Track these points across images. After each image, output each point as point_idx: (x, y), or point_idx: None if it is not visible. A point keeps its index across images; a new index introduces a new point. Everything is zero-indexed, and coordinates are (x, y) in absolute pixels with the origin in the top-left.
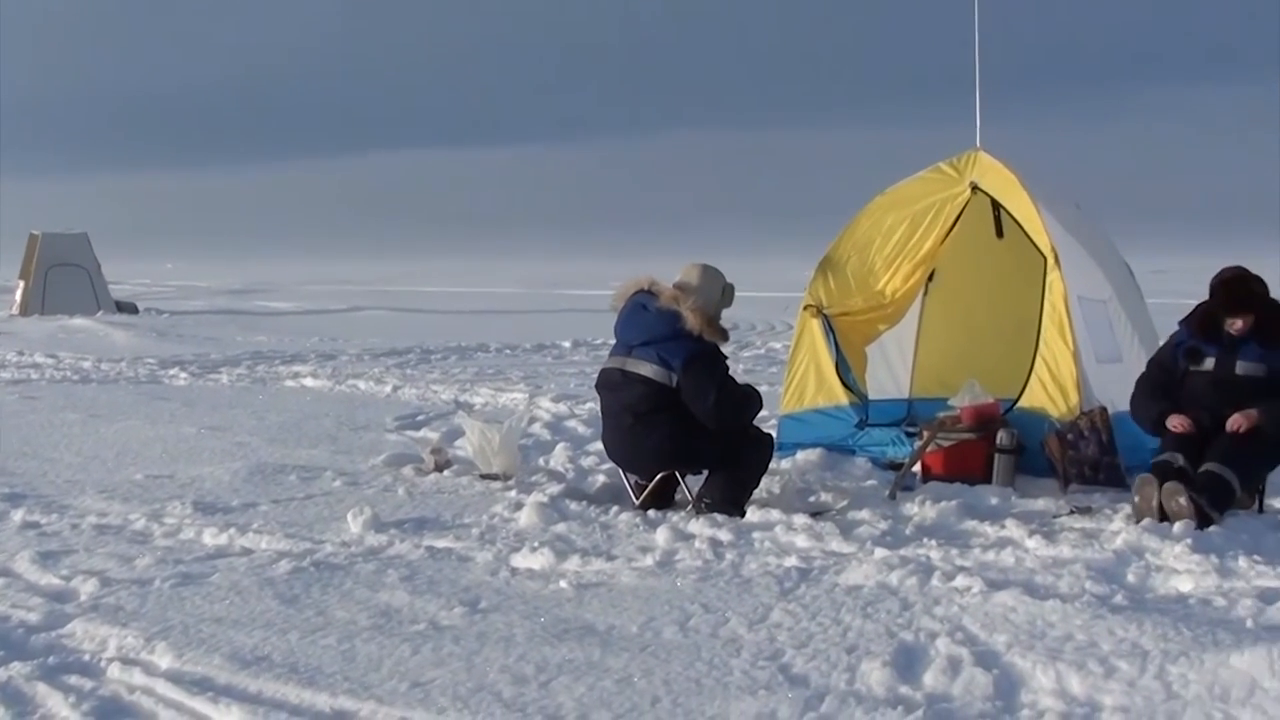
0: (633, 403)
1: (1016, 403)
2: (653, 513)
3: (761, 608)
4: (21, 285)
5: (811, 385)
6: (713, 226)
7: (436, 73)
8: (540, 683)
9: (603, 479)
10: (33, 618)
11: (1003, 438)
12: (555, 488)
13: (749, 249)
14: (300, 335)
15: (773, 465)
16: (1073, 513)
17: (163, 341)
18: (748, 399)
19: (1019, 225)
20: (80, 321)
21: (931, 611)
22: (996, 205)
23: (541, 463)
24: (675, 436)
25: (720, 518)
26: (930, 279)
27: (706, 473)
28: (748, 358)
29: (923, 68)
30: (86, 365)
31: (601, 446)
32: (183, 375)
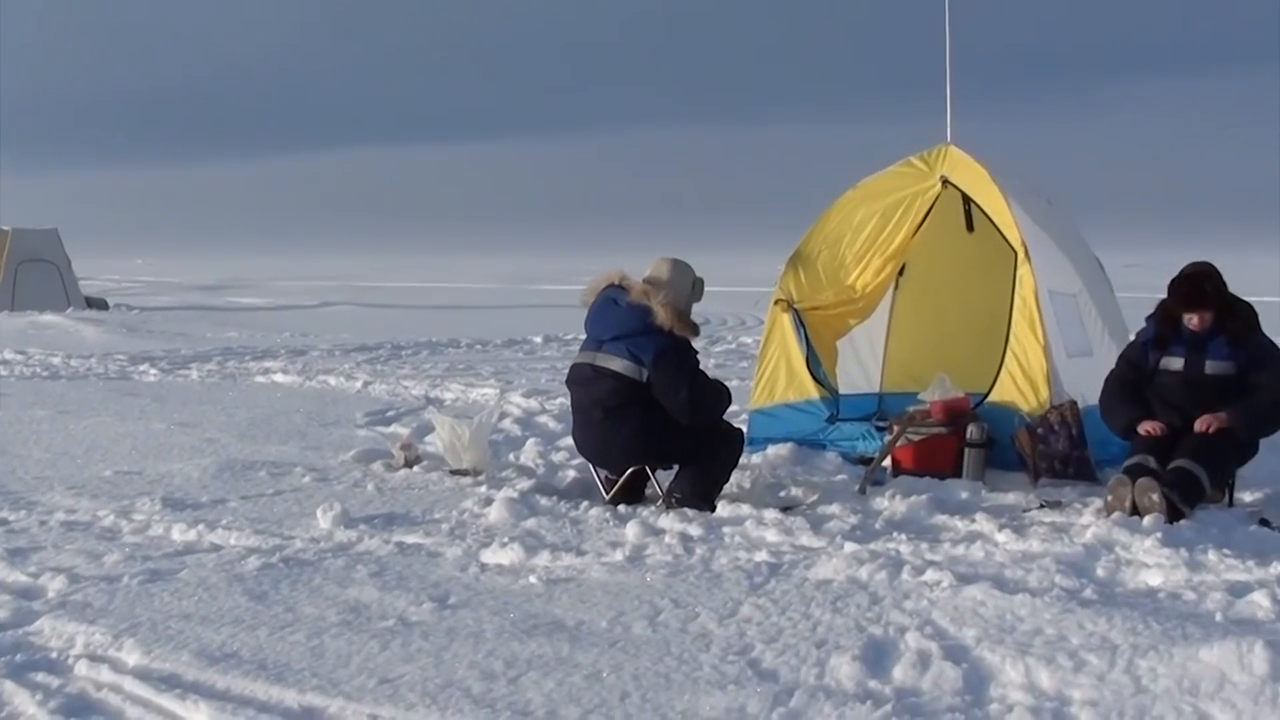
0: (603, 398)
1: (987, 397)
2: (623, 508)
3: (731, 602)
4: None
5: (782, 380)
6: (684, 221)
7: (409, 69)
8: (509, 678)
9: (573, 474)
10: (0, 615)
11: (973, 432)
12: (525, 483)
13: (720, 243)
14: (271, 331)
15: (743, 460)
16: (1043, 507)
17: (133, 337)
18: (717, 394)
19: (989, 219)
20: (50, 318)
21: (901, 606)
22: (967, 199)
23: (512, 458)
24: (646, 431)
25: (690, 513)
26: (901, 273)
27: (677, 468)
28: (719, 352)
29: (893, 62)
30: (56, 361)
31: (572, 442)
32: (153, 371)
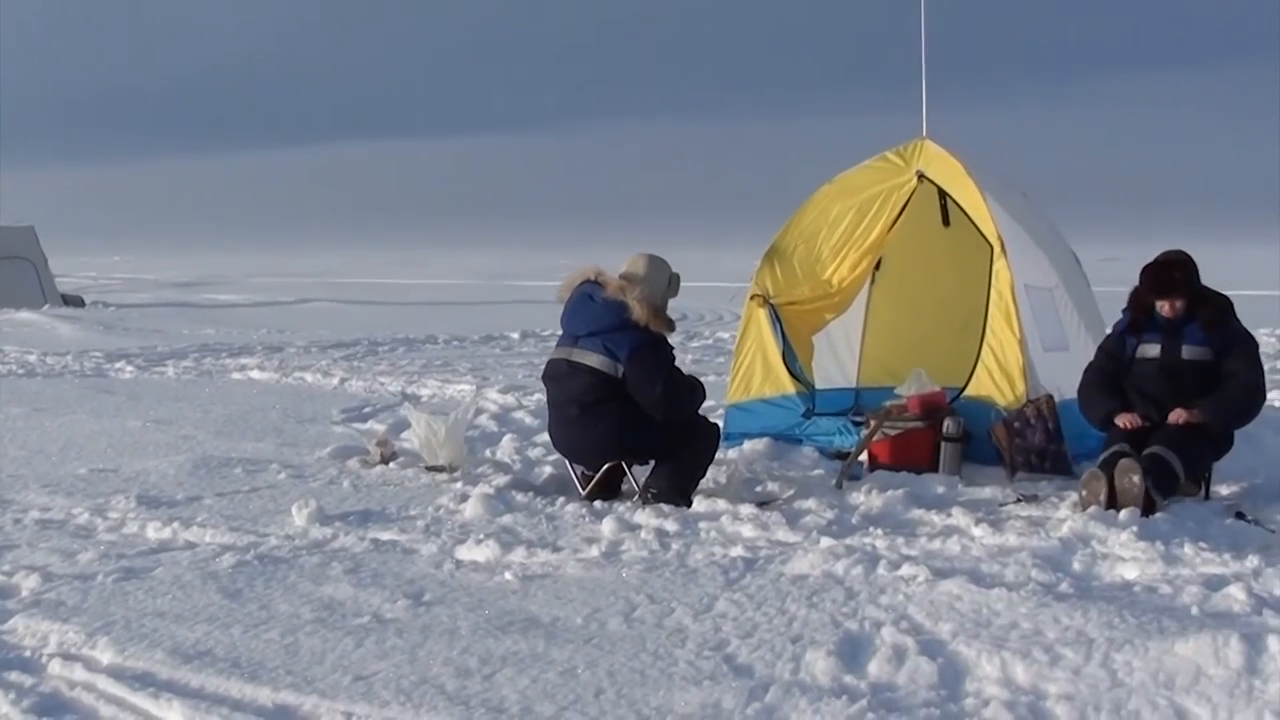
0: (579, 394)
1: (963, 391)
2: (599, 503)
3: (707, 598)
4: None
5: (758, 375)
6: (661, 216)
7: (387, 65)
8: (484, 675)
9: (549, 470)
10: None
11: (949, 426)
12: (501, 479)
13: (697, 238)
14: (248, 328)
15: (719, 455)
16: (1019, 501)
17: (109, 335)
18: (692, 390)
19: (965, 214)
20: (26, 315)
21: (877, 600)
22: (943, 194)
23: (488, 454)
24: (621, 427)
25: (666, 508)
26: (877, 268)
27: (653, 463)
28: (696, 348)
29: (870, 57)
30: (32, 359)
31: (548, 438)
32: (129, 368)
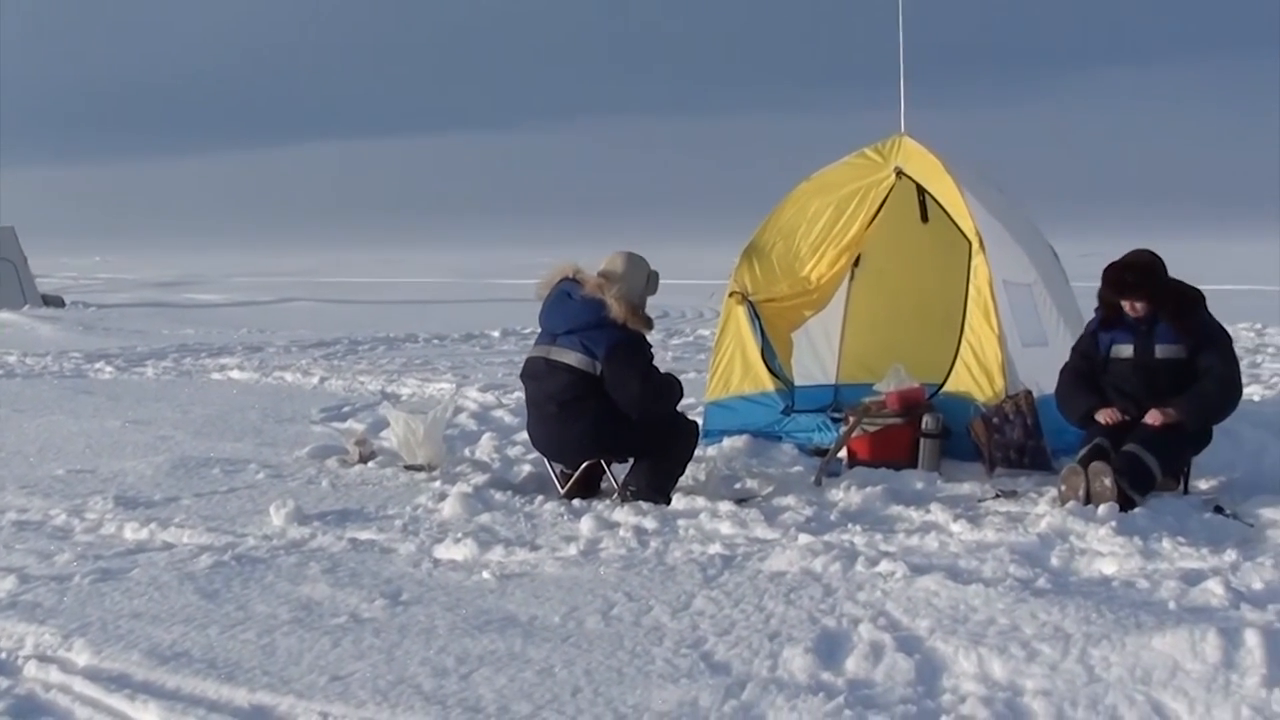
0: (556, 392)
1: (942, 387)
2: (578, 502)
3: (685, 595)
4: None
5: (737, 372)
6: (640, 213)
7: (364, 64)
8: (461, 675)
9: (528, 469)
10: None
11: (928, 422)
12: (480, 478)
13: (677, 236)
14: (228, 327)
15: (698, 452)
16: (998, 496)
17: (89, 335)
18: (670, 388)
19: (943, 210)
20: (5, 315)
21: (854, 597)
22: (921, 190)
23: (467, 453)
24: (600, 425)
25: (645, 505)
26: (856, 264)
27: (632, 461)
28: (677, 345)
29: (848, 54)
30: (11, 360)
31: (527, 436)
32: (108, 369)
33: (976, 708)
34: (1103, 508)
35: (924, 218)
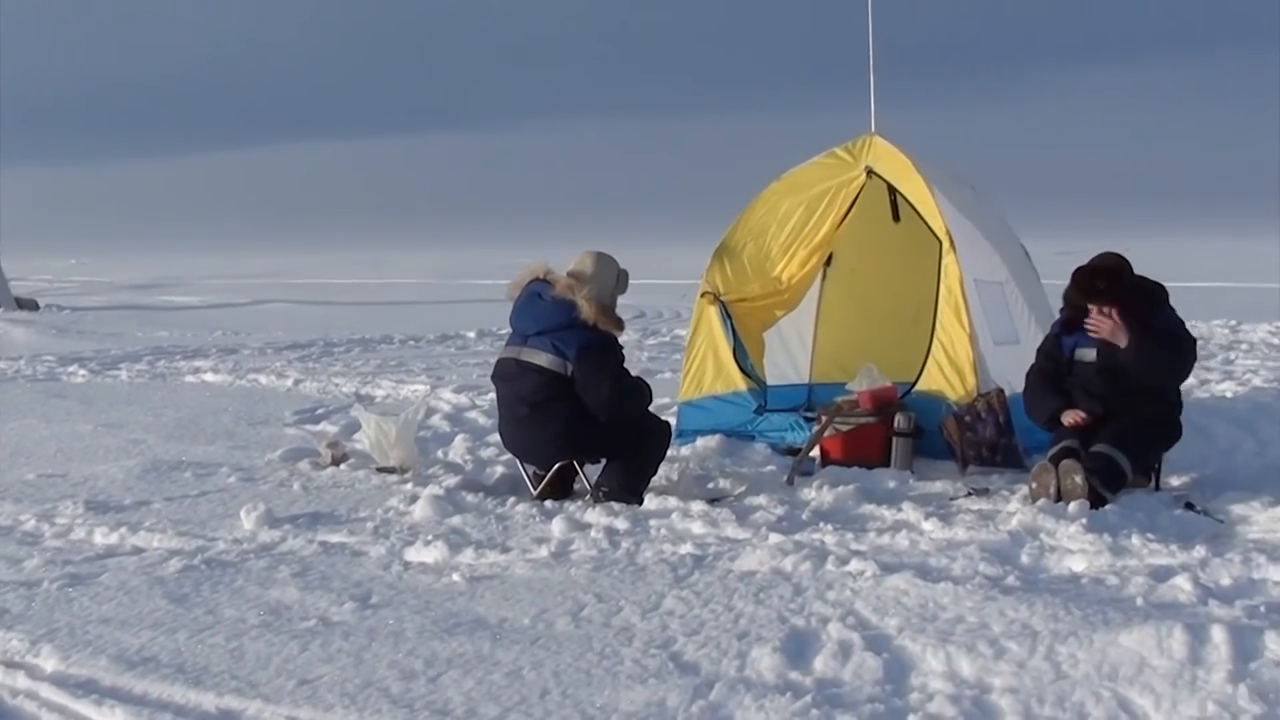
0: (528, 393)
1: (914, 386)
2: (549, 503)
3: (655, 596)
4: None
5: (710, 372)
6: (613, 213)
7: (338, 64)
8: (429, 678)
9: (501, 470)
10: None
11: (900, 421)
12: (452, 480)
13: (650, 236)
14: (203, 330)
15: (671, 452)
16: (970, 494)
17: (62, 338)
18: (640, 391)
19: (914, 209)
20: None
21: (824, 596)
22: (893, 189)
23: (440, 455)
24: (572, 426)
25: (617, 506)
26: (828, 264)
27: (604, 461)
28: (653, 345)
29: (818, 54)
30: None
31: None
32: (81, 372)
33: (944, 706)
34: (1073, 505)
35: (895, 217)
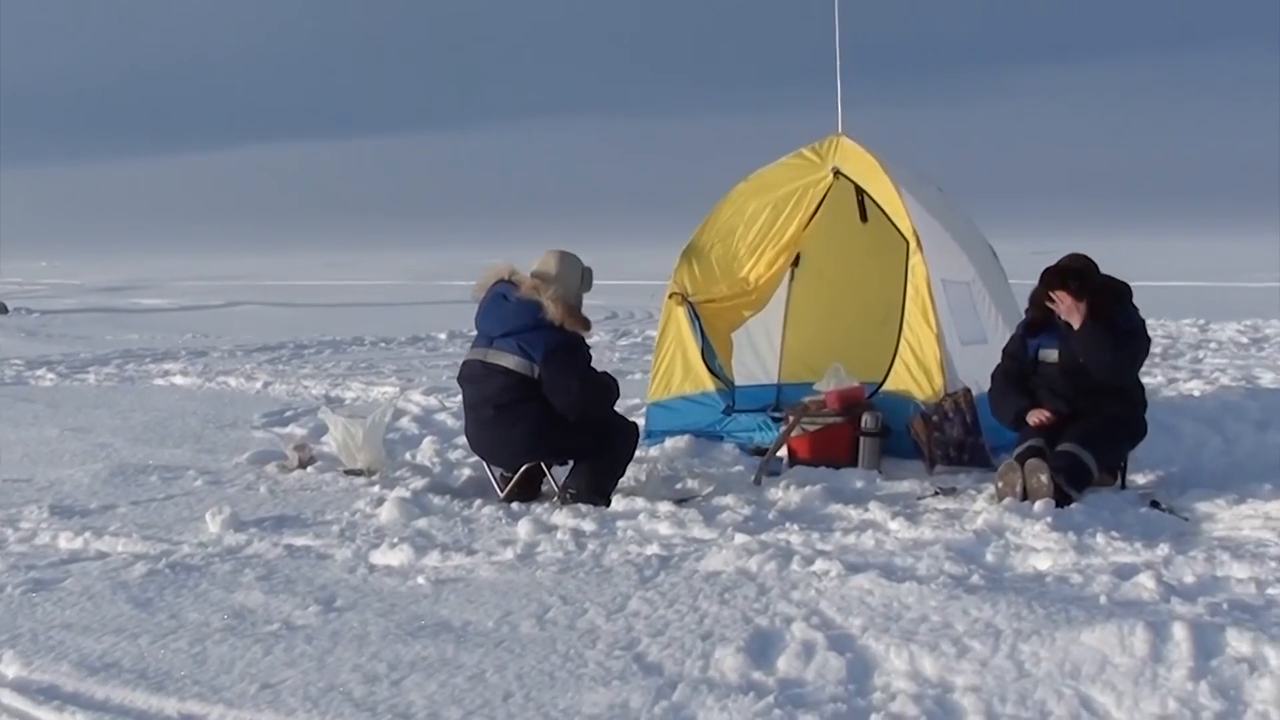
0: (494, 395)
1: (881, 386)
2: (516, 505)
3: (620, 597)
4: None
5: (678, 373)
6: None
7: (308, 65)
8: (392, 681)
9: (468, 472)
10: None
11: (867, 421)
12: (419, 482)
13: (618, 237)
14: (173, 332)
15: (640, 453)
16: (937, 494)
17: (31, 341)
18: (608, 390)
19: (881, 210)
20: None
21: (788, 596)
22: (860, 190)
23: (408, 457)
24: (539, 427)
25: (584, 508)
26: (796, 264)
27: (572, 463)
28: (625, 345)
29: (785, 54)
30: None
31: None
32: (49, 376)
33: (906, 705)
34: (1039, 504)
35: (863, 217)
